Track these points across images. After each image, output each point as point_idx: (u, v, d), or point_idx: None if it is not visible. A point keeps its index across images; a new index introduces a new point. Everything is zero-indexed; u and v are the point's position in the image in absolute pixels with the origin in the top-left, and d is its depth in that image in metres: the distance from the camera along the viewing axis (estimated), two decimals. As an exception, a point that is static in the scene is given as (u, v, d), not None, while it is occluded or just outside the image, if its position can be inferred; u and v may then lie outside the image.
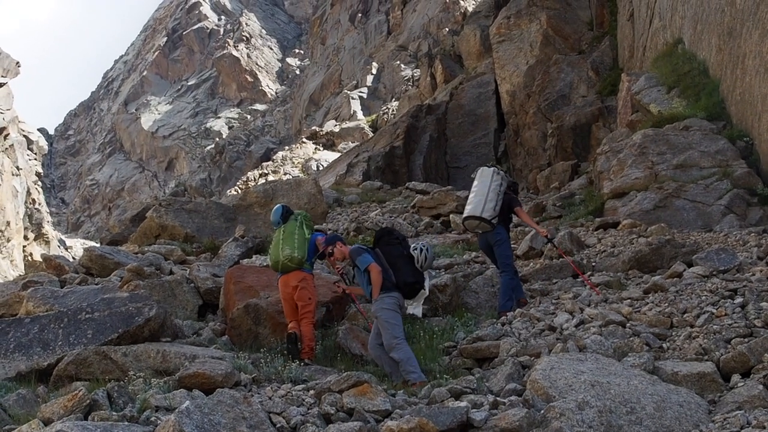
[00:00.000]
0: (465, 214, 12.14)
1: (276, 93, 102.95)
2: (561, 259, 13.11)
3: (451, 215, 20.17)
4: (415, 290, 9.92)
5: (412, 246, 10.22)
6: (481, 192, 12.07)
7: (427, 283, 10.15)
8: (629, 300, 10.40)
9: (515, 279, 11.81)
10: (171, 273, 14.95)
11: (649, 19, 24.51)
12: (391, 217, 21.36)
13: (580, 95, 28.68)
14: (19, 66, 58.12)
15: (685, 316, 9.32)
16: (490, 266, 13.78)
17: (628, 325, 9.38)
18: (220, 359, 8.88)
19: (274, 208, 11.42)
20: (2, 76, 54.79)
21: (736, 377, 7.60)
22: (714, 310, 9.18)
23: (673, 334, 8.96)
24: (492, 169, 12.54)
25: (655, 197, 15.50)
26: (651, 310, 9.74)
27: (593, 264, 13.08)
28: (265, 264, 13.23)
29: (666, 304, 9.80)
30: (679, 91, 19.37)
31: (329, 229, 19.38)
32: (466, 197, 22.16)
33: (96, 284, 14.03)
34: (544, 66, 31.23)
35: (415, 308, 10.07)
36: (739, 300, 9.34)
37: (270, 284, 11.54)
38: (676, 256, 11.96)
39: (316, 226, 13.87)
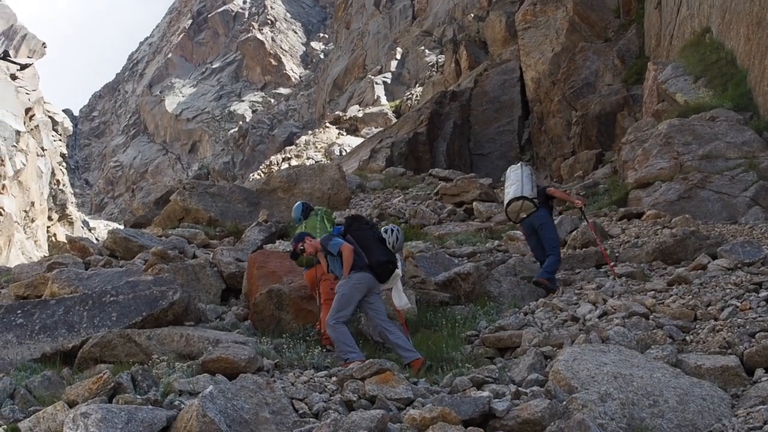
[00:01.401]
0: (508, 199, 12.16)
1: (300, 77, 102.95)
2: (584, 249, 13.07)
3: (474, 203, 20.14)
4: (389, 270, 9.95)
5: (383, 228, 10.31)
6: (517, 179, 12.17)
7: (400, 264, 10.24)
8: (653, 292, 10.36)
9: (560, 262, 11.98)
10: (194, 257, 15.04)
11: (677, 7, 24.30)
12: (414, 203, 21.36)
13: (606, 83, 28.53)
14: (45, 47, 58.45)
15: (709, 308, 9.28)
16: (513, 255, 13.76)
17: (651, 317, 9.36)
18: (243, 344, 8.92)
19: (294, 205, 11.53)
20: (28, 57, 55.11)
21: (759, 371, 7.56)
22: (738, 304, 9.13)
23: (697, 326, 8.93)
24: (519, 163, 12.71)
25: (679, 188, 15.39)
26: (675, 302, 9.70)
27: (617, 254, 13.03)
28: (287, 250, 13.26)
29: (690, 297, 9.76)
30: (706, 80, 19.22)
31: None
32: (490, 184, 22.25)
33: (120, 267, 14.12)
34: (570, 53, 31.07)
35: (400, 298, 10.06)
36: (764, 293, 9.30)
37: (293, 269, 11.57)
38: (700, 247, 11.90)
39: (338, 213, 13.93)
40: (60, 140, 62.02)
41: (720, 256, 11.20)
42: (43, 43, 58.60)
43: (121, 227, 24.73)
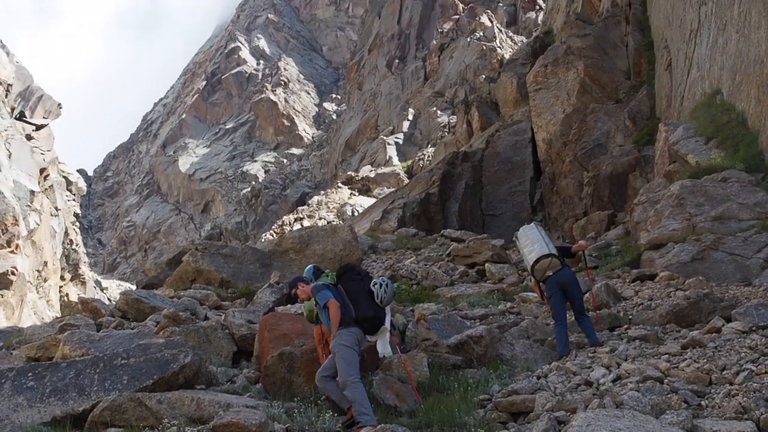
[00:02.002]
0: (535, 256, 12.06)
1: (312, 137, 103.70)
2: (597, 311, 13.00)
3: (486, 264, 20.09)
4: (375, 325, 10.00)
5: (372, 281, 10.30)
6: (537, 237, 12.15)
7: (387, 319, 10.24)
8: (667, 355, 10.27)
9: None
10: (206, 318, 14.99)
11: (687, 69, 24.43)
12: (426, 265, 21.31)
13: (617, 144, 28.57)
14: (60, 108, 59.13)
15: (724, 373, 9.18)
16: (525, 317, 13.69)
17: (665, 381, 9.25)
18: (254, 408, 8.87)
19: (306, 268, 11.61)
20: (44, 117, 55.69)
21: (776, 437, 7.46)
22: (754, 368, 9.03)
23: (712, 391, 8.82)
24: (533, 223, 12.71)
25: (692, 249, 15.32)
26: (689, 366, 9.60)
27: (630, 317, 12.95)
28: (299, 312, 13.24)
29: (704, 361, 9.67)
30: (718, 142, 19.25)
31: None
32: (502, 246, 22.21)
33: (132, 329, 14.09)
34: (581, 114, 31.17)
35: (384, 347, 10.18)
36: (779, 357, 9.21)
37: (305, 332, 11.52)
38: (714, 310, 11.82)
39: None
40: (74, 200, 62.35)
41: (734, 318, 11.12)
42: (59, 104, 59.34)
43: (133, 288, 24.75)
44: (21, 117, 50.83)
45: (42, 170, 49.89)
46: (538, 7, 73.87)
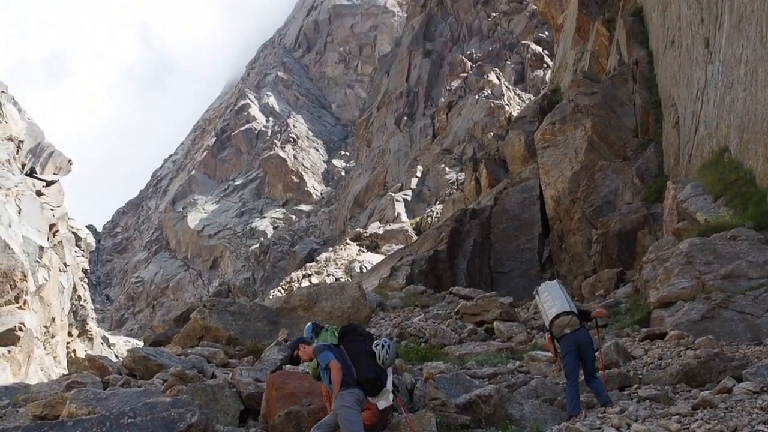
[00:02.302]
0: (555, 312, 11.98)
1: (321, 194, 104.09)
2: (607, 371, 12.89)
3: (495, 322, 19.99)
4: (377, 387, 10.00)
5: (374, 342, 10.27)
6: (558, 294, 12.09)
7: (389, 380, 10.21)
8: (677, 416, 10.16)
9: None
10: (213, 376, 14.91)
11: (695, 127, 24.54)
12: (434, 322, 21.21)
13: (626, 202, 28.59)
14: (71, 164, 59.51)
15: (735, 434, 9.09)
16: (534, 376, 13.59)
17: (676, 442, 9.17)
18: (261, 469, 8.79)
19: (306, 326, 11.60)
20: (54, 174, 55.98)
21: (789, 501, 7.36)
22: (765, 429, 8.93)
23: (724, 453, 8.73)
24: (555, 280, 12.69)
25: (702, 308, 15.24)
26: (700, 427, 9.49)
27: (640, 376, 12.85)
28: (306, 371, 13.18)
29: (716, 422, 9.56)
30: (726, 200, 19.26)
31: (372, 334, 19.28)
32: (510, 303, 22.12)
33: (139, 387, 14.02)
34: (589, 172, 31.23)
35: (383, 402, 10.13)
36: (791, 418, 9.12)
37: (312, 391, 11.46)
38: (725, 370, 11.73)
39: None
40: (83, 256, 62.42)
41: (745, 378, 11.02)
42: (69, 161, 59.75)
43: (141, 345, 24.68)
44: (32, 173, 51.11)
45: (51, 226, 50.01)
46: (545, 65, 74.40)
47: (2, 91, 48.75)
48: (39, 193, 50.22)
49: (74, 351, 50.90)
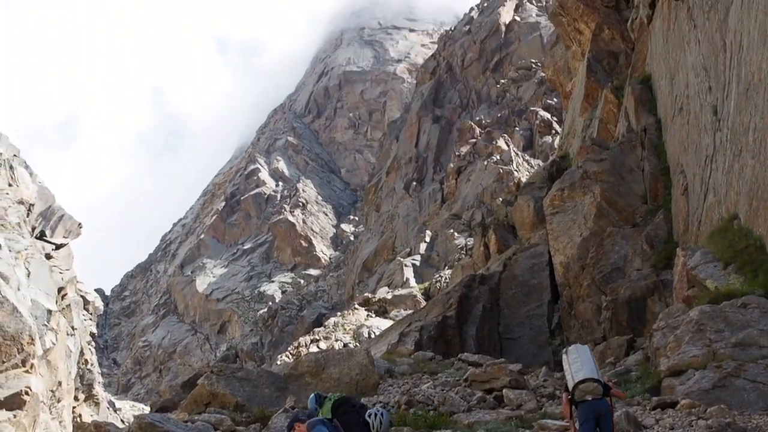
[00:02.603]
0: (582, 376, 11.83)
1: (330, 258, 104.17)
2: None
3: (504, 390, 19.83)
4: None
5: (367, 412, 10.23)
6: (588, 359, 11.96)
7: None
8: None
9: None
10: (220, 444, 14.81)
11: (704, 194, 24.55)
12: (443, 390, 21.04)
13: (635, 268, 28.48)
14: (80, 227, 59.68)
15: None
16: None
17: None
18: None
19: (309, 397, 11.59)
20: (64, 237, 56.15)
21: None
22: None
23: None
24: (586, 345, 12.57)
25: (713, 376, 15.10)
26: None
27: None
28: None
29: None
30: (736, 267, 19.19)
31: (380, 402, 19.15)
32: (519, 370, 21.95)
33: (144, 454, 13.91)
34: (598, 238, 31.17)
35: None
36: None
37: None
38: (738, 440, 11.59)
39: (366, 399, 13.78)
40: (90, 319, 62.30)
41: (759, 449, 10.89)
42: (79, 224, 59.91)
43: (147, 410, 24.51)
44: (41, 236, 51.26)
45: (60, 289, 49.98)
46: (554, 131, 74.79)
47: (14, 155, 49.18)
48: (48, 257, 50.31)
49: (80, 416, 50.52)
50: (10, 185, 46.42)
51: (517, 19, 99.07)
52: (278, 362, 45.51)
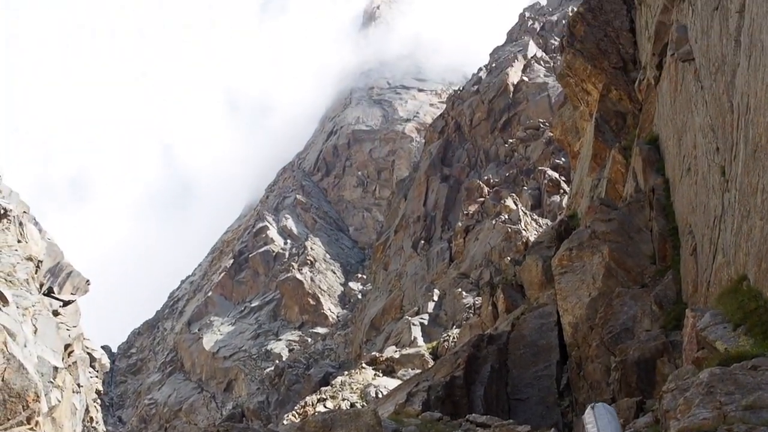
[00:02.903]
0: None
1: (337, 317, 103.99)
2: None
3: (512, 451, 19.65)
4: None
5: None
6: (614, 420, 11.90)
7: None
8: None
9: None
10: (224, 504, 14.65)
11: (713, 254, 24.44)
12: (450, 451, 20.88)
13: (644, 329, 28.30)
14: (88, 284, 59.75)
15: None
16: None
17: None
18: None
19: None
20: (72, 294, 56.20)
21: None
22: None
23: None
24: (613, 406, 12.56)
25: (724, 439, 14.93)
26: None
27: None
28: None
29: None
30: (746, 328, 19.03)
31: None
32: (528, 432, 21.73)
33: None
34: (607, 298, 31.02)
35: None
36: None
37: None
38: (749, 505, 11.43)
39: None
40: (97, 377, 62.10)
41: None
42: (87, 281, 60.00)
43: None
44: (49, 293, 51.38)
45: (67, 346, 49.90)
46: (562, 190, 74.92)
47: (24, 212, 49.52)
48: (56, 313, 50.35)
49: (84, 474, 50.09)
50: (19, 241, 46.65)
51: (525, 79, 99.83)
52: (285, 422, 45.19)
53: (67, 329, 51.88)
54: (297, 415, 48.11)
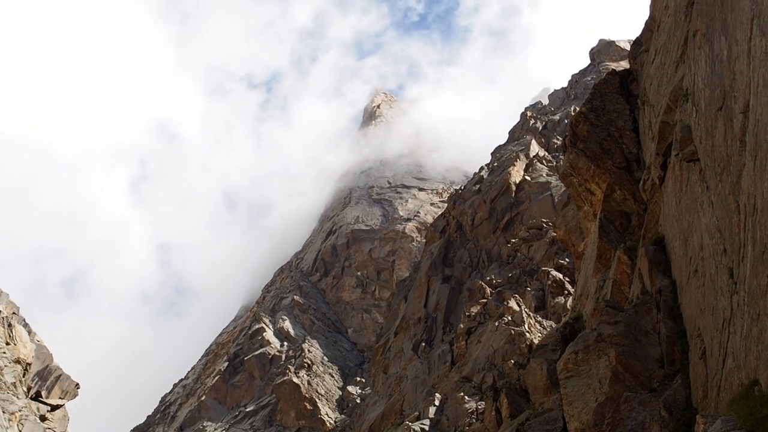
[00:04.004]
0: None
1: (335, 422, 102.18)
2: None
3: None
4: None
5: None
6: None
7: None
8: None
9: None
10: None
11: (722, 358, 23.72)
12: None
13: (654, 437, 27.36)
14: (78, 388, 58.61)
15: None
16: None
17: None
18: None
19: None
20: (60, 398, 55.06)
21: None
22: None
23: None
24: None
25: None
26: None
27: None
28: None
29: None
30: (758, 436, 18.28)
31: None
32: None
33: None
34: (615, 404, 30.09)
35: None
36: None
37: None
38: None
39: None
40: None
41: None
42: (77, 384, 58.95)
43: None
44: (37, 397, 50.43)
45: (54, 454, 48.71)
46: (566, 291, 74.17)
47: (13, 313, 48.80)
48: (43, 418, 49.30)
49: None
50: (7, 344, 45.88)
51: (528, 178, 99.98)
52: None
53: (55, 435, 50.73)
54: None
